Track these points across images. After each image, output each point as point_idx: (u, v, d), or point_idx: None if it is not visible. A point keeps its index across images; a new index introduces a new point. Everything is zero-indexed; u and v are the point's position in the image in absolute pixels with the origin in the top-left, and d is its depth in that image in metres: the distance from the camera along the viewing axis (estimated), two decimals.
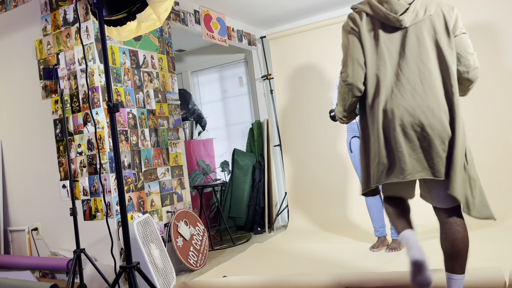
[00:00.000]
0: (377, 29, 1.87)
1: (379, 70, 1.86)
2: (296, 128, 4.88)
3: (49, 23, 3.46)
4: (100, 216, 3.25)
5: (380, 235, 3.51)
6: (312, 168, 4.76)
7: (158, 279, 3.06)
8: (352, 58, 1.89)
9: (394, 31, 1.86)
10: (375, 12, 1.87)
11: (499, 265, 2.35)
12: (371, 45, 1.88)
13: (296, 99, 4.89)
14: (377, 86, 1.86)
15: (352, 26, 1.91)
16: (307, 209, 4.70)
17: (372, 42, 1.88)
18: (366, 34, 1.88)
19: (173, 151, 3.80)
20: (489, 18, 3.99)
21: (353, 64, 1.88)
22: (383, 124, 1.82)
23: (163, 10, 2.25)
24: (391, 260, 3.13)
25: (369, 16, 1.89)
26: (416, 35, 1.84)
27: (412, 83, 1.80)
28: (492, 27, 3.97)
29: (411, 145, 1.78)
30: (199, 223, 3.84)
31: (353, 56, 1.89)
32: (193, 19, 4.20)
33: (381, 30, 1.87)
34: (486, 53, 3.95)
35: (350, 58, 1.89)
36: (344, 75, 1.90)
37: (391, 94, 1.82)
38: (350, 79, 1.88)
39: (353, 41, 1.90)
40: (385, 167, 1.82)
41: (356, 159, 3.51)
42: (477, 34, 3.98)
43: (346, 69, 1.90)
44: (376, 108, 1.84)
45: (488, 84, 3.96)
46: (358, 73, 1.88)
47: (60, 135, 3.43)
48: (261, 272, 3.23)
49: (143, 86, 3.59)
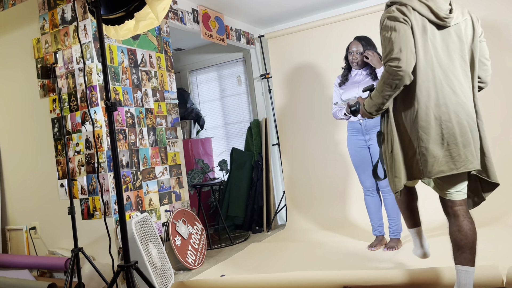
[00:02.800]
0: (424, 24, 1.92)
1: (428, 63, 1.90)
2: (294, 127, 4.88)
3: (47, 21, 3.45)
4: (98, 215, 3.24)
5: (378, 234, 3.52)
6: (311, 167, 4.77)
7: (156, 278, 3.06)
8: (407, 46, 1.86)
9: (438, 28, 1.93)
10: (423, 8, 1.91)
11: (496, 263, 2.35)
12: (421, 39, 1.90)
13: (294, 98, 4.89)
14: (427, 79, 1.90)
15: (404, 16, 1.90)
16: (305, 208, 4.71)
17: (421, 36, 1.91)
18: (416, 27, 1.90)
19: (172, 150, 3.80)
20: (490, 16, 3.99)
21: (407, 51, 1.85)
22: (437, 117, 1.88)
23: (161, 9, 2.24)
24: (389, 259, 3.14)
25: (416, 11, 1.92)
26: (457, 35, 1.95)
27: (458, 79, 1.92)
28: (494, 25, 3.98)
29: (465, 138, 1.88)
30: (197, 222, 3.84)
31: (407, 44, 1.86)
32: (192, 18, 4.20)
33: (428, 26, 1.92)
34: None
35: (405, 45, 1.85)
36: (398, 62, 1.84)
37: (442, 88, 1.89)
38: (404, 66, 1.84)
39: (406, 30, 1.88)
40: (436, 160, 1.88)
41: (356, 158, 3.49)
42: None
43: (399, 56, 1.84)
44: (427, 101, 1.89)
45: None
46: (412, 61, 1.86)
47: (58, 134, 3.42)
48: (259, 271, 3.23)
49: (141, 85, 3.58)
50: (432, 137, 1.88)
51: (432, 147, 1.88)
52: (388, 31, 1.91)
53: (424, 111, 1.89)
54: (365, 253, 3.38)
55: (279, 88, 4.97)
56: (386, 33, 1.91)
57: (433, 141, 1.88)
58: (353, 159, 3.53)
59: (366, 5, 4.65)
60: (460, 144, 1.87)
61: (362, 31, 3.91)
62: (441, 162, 1.88)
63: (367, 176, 3.48)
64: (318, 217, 4.58)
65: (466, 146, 1.88)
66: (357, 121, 3.42)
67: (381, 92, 1.93)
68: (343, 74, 3.54)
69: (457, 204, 1.99)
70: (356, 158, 3.50)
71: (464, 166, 1.88)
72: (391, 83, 1.87)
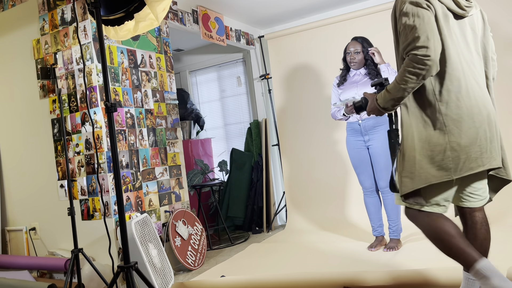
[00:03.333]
0: (445, 11, 1.78)
1: (456, 53, 1.76)
2: (294, 128, 4.88)
3: (47, 22, 3.46)
4: (98, 215, 3.24)
5: (378, 235, 3.52)
6: (310, 168, 4.77)
7: (156, 279, 3.06)
8: (433, 33, 1.68)
9: (456, 18, 1.81)
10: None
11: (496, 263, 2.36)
12: (445, 27, 1.76)
13: (294, 98, 4.89)
14: (457, 69, 1.75)
15: (427, 2, 1.73)
16: (305, 209, 4.71)
17: (445, 23, 1.76)
18: (440, 14, 1.75)
19: (171, 151, 3.80)
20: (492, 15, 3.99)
21: (435, 40, 1.67)
22: (468, 109, 1.72)
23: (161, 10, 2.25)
24: (389, 260, 3.14)
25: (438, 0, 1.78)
26: (471, 27, 1.84)
27: (478, 72, 1.82)
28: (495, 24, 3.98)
29: (492, 132, 1.75)
30: (197, 222, 3.84)
31: (433, 31, 1.69)
32: (191, 19, 4.20)
33: (449, 14, 1.79)
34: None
35: (432, 33, 1.67)
36: (426, 51, 1.65)
37: (469, 80, 1.75)
38: (433, 55, 1.65)
39: (430, 17, 1.71)
40: (468, 157, 1.71)
41: (355, 159, 3.50)
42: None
43: (427, 44, 1.66)
44: (457, 92, 1.73)
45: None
46: (439, 50, 1.69)
47: (58, 134, 3.42)
48: (259, 271, 3.23)
49: (141, 85, 3.58)
50: (464, 131, 1.71)
51: (465, 142, 1.70)
52: (410, 17, 1.71)
53: (455, 103, 1.72)
54: (365, 254, 3.38)
55: (279, 88, 4.98)
56: (408, 19, 1.72)
57: (465, 136, 1.71)
58: (352, 159, 3.54)
59: (365, 5, 4.66)
60: (488, 139, 1.73)
61: (361, 32, 3.91)
62: (472, 159, 1.70)
63: (366, 176, 3.48)
64: (318, 218, 4.58)
65: (492, 141, 1.75)
66: (356, 121, 3.42)
67: (404, 83, 1.71)
68: (341, 74, 3.56)
69: (476, 210, 1.85)
70: (355, 159, 3.50)
71: (489, 163, 1.72)
72: (417, 73, 1.67)
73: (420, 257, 3.05)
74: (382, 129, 3.36)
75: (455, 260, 1.72)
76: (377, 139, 3.37)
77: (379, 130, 3.36)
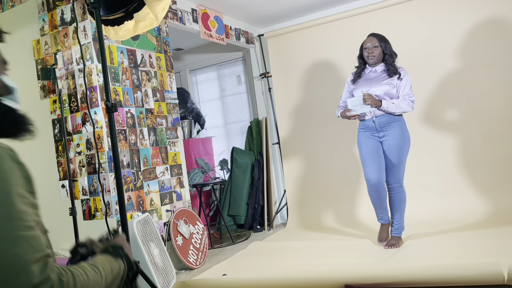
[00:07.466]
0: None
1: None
2: (295, 126, 4.88)
3: (47, 23, 3.46)
4: (99, 215, 3.25)
5: (384, 222, 3.46)
6: (311, 166, 4.77)
7: (158, 278, 3.07)
8: None
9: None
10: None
11: (497, 260, 2.36)
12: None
13: (295, 96, 4.89)
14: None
15: None
16: (306, 207, 4.71)
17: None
18: None
19: (172, 150, 3.81)
20: (492, 14, 3.99)
21: None
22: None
23: (161, 9, 2.25)
24: (390, 257, 3.14)
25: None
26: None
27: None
28: (496, 23, 3.97)
29: None
30: (198, 221, 3.84)
31: None
32: (191, 18, 4.20)
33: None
34: (491, 49, 3.95)
35: None
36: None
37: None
38: None
39: None
40: None
41: (367, 147, 3.36)
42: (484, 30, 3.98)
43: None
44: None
45: (487, 80, 3.97)
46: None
47: (58, 135, 3.43)
48: (260, 270, 3.23)
49: (141, 85, 3.59)
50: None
51: None
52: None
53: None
54: (367, 252, 3.38)
55: (279, 87, 4.97)
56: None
57: None
58: (363, 150, 3.39)
59: (365, 3, 4.65)
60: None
61: (362, 29, 3.91)
62: None
63: (373, 169, 3.32)
64: (319, 216, 4.58)
65: None
66: (370, 119, 3.37)
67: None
68: (356, 71, 3.51)
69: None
70: (367, 149, 3.36)
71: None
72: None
73: (421, 255, 3.05)
74: (396, 126, 3.31)
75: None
76: (391, 135, 3.32)
77: (394, 126, 3.31)
